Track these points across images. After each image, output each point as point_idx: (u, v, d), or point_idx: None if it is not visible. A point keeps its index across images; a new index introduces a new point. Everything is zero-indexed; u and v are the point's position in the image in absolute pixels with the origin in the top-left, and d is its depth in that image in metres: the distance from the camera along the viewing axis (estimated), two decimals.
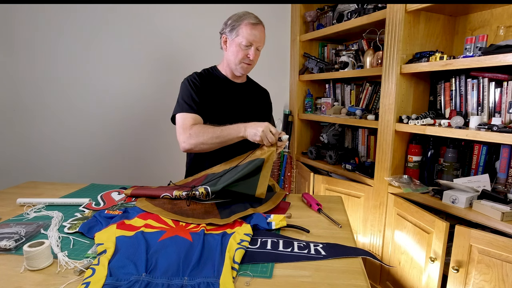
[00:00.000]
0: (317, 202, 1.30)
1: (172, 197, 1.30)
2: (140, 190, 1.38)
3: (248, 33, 1.52)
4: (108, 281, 0.77)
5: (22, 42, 2.30)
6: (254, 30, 1.52)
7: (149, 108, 2.64)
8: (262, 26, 1.57)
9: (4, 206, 1.32)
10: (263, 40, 1.57)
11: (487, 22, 1.82)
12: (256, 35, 1.53)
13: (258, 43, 1.55)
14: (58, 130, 2.46)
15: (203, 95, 1.57)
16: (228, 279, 0.79)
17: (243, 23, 1.53)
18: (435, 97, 1.97)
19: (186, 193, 1.29)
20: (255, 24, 1.53)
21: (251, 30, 1.52)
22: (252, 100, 1.72)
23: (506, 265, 1.35)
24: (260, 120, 1.45)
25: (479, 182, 1.63)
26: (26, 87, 2.35)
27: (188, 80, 1.60)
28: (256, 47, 1.56)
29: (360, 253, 0.94)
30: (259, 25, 1.55)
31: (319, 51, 2.92)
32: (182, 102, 1.54)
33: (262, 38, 1.57)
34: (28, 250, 0.84)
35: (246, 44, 1.53)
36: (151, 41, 2.56)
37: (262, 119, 1.48)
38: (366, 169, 2.18)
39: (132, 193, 1.37)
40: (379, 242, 2.06)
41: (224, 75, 1.68)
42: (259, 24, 1.55)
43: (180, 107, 1.54)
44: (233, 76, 1.68)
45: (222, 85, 1.65)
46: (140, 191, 1.37)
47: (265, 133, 1.34)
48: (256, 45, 1.55)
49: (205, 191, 1.27)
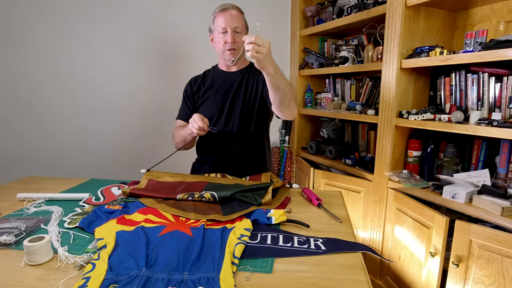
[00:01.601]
0: (317, 197, 1.30)
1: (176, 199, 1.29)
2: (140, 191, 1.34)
3: (219, 20, 1.59)
4: (108, 276, 0.77)
5: (23, 38, 2.29)
6: (224, 15, 1.58)
7: (149, 103, 2.64)
8: (233, 9, 1.60)
9: (4, 201, 1.32)
10: (236, 21, 1.59)
11: (487, 17, 1.81)
12: (227, 19, 1.57)
13: (232, 26, 1.57)
14: (59, 126, 2.46)
15: (198, 96, 1.73)
16: (228, 274, 0.79)
17: (215, 15, 1.62)
18: (435, 92, 1.96)
19: (191, 198, 1.28)
20: (223, 9, 1.59)
21: (221, 17, 1.58)
22: (252, 80, 1.70)
23: (506, 260, 1.35)
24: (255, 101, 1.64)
25: (479, 177, 1.63)
26: (27, 83, 2.35)
27: (184, 89, 1.79)
28: (233, 30, 1.58)
29: (360, 248, 0.94)
30: (228, 9, 1.59)
31: (319, 46, 2.91)
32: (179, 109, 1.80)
33: (235, 20, 1.58)
34: (28, 245, 0.84)
35: (222, 31, 1.58)
36: (154, 38, 2.55)
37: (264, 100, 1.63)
38: (366, 164, 2.18)
39: (131, 192, 1.34)
40: (379, 237, 2.06)
41: (221, 69, 1.75)
42: (228, 9, 1.59)
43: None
44: (228, 67, 1.73)
45: (220, 78, 1.72)
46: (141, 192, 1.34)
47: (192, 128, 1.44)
48: (232, 28, 1.57)
49: (212, 197, 1.27)
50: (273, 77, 1.31)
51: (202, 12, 2.61)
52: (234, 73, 1.72)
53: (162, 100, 2.61)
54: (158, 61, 2.62)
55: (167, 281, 0.76)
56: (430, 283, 1.64)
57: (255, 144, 1.70)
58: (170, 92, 2.61)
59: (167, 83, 2.61)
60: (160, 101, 2.61)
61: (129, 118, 2.60)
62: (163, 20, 2.56)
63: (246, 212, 1.15)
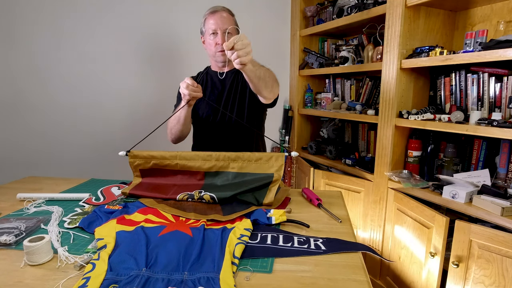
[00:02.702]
0: (317, 197, 1.29)
1: (176, 200, 1.29)
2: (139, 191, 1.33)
3: (209, 22, 1.58)
4: (108, 276, 0.77)
5: (22, 37, 2.29)
6: (214, 17, 1.57)
7: (149, 102, 2.64)
8: (222, 11, 1.59)
9: (4, 201, 1.32)
10: (226, 23, 1.58)
11: (487, 17, 1.81)
12: (217, 21, 1.57)
13: (222, 27, 1.57)
14: (59, 125, 2.46)
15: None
16: (228, 274, 0.79)
17: (205, 17, 1.62)
18: (435, 92, 1.96)
19: (191, 200, 1.28)
20: (213, 12, 1.59)
21: (211, 19, 1.58)
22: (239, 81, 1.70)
23: (506, 260, 1.35)
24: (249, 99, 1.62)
25: (479, 177, 1.63)
26: (27, 83, 2.35)
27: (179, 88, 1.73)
28: (223, 32, 1.57)
29: (360, 248, 0.94)
30: (218, 11, 1.59)
31: (319, 46, 2.91)
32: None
33: (225, 21, 1.58)
34: (28, 245, 0.84)
35: (212, 33, 1.58)
36: (152, 38, 2.55)
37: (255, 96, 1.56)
38: (366, 164, 2.18)
39: (131, 193, 1.33)
40: (379, 237, 2.06)
41: (213, 70, 1.75)
42: (218, 11, 1.59)
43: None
44: (220, 69, 1.72)
45: (213, 79, 1.73)
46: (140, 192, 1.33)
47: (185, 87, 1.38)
48: (222, 30, 1.57)
49: (211, 199, 1.26)
50: (253, 71, 1.28)
51: (198, 13, 2.61)
52: (226, 73, 1.71)
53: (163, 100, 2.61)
54: (158, 61, 2.61)
55: (167, 281, 0.76)
56: (430, 283, 1.64)
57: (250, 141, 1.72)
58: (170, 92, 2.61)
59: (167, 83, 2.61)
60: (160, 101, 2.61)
61: (130, 118, 2.60)
62: (158, 20, 2.56)
63: (246, 212, 1.15)
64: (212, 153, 1.34)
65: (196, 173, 1.37)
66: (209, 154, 1.34)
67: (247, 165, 1.32)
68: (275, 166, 1.30)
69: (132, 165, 1.39)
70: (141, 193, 1.32)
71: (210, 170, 1.36)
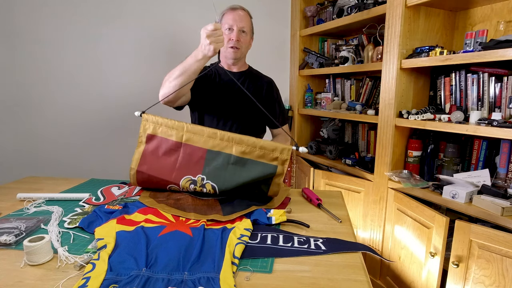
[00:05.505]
0: (317, 197, 1.30)
1: (179, 189, 1.30)
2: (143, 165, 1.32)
3: (228, 17, 1.64)
4: (108, 276, 0.77)
5: (22, 38, 2.29)
6: (233, 13, 1.64)
7: (149, 102, 2.63)
8: (242, 10, 1.67)
9: (4, 201, 1.32)
10: (243, 21, 1.65)
11: (487, 17, 1.81)
12: (235, 17, 1.63)
13: (238, 25, 1.63)
14: (59, 125, 2.46)
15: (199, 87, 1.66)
16: (228, 274, 0.79)
17: (224, 12, 1.68)
18: (435, 92, 1.96)
19: (193, 187, 1.29)
20: (233, 9, 1.66)
21: (230, 15, 1.64)
22: (249, 86, 1.75)
23: (506, 260, 1.35)
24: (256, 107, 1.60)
25: (479, 177, 1.63)
26: (27, 84, 2.35)
27: None
28: (239, 29, 1.63)
29: (360, 248, 0.95)
30: (238, 9, 1.66)
31: (319, 46, 2.91)
32: None
33: (243, 19, 1.65)
34: (28, 245, 0.84)
35: (228, 27, 1.63)
36: (155, 38, 2.55)
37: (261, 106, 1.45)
38: (366, 164, 2.18)
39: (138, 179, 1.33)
40: (379, 237, 2.06)
41: (222, 66, 1.77)
42: (238, 9, 1.66)
43: None
44: (229, 66, 1.76)
45: (220, 75, 1.74)
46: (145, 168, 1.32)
47: (207, 35, 1.29)
48: (238, 27, 1.63)
49: (212, 189, 1.26)
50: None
51: (202, 10, 2.61)
52: (236, 73, 1.75)
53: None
54: (157, 61, 2.61)
55: (167, 281, 0.76)
56: (430, 283, 1.64)
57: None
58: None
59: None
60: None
61: (130, 119, 2.59)
62: (163, 19, 2.56)
63: (246, 212, 1.16)
64: (218, 131, 1.32)
65: (198, 150, 1.33)
66: (215, 131, 1.32)
67: (251, 150, 1.28)
68: (280, 158, 1.25)
69: (143, 127, 1.39)
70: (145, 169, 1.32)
71: (213, 148, 1.31)
